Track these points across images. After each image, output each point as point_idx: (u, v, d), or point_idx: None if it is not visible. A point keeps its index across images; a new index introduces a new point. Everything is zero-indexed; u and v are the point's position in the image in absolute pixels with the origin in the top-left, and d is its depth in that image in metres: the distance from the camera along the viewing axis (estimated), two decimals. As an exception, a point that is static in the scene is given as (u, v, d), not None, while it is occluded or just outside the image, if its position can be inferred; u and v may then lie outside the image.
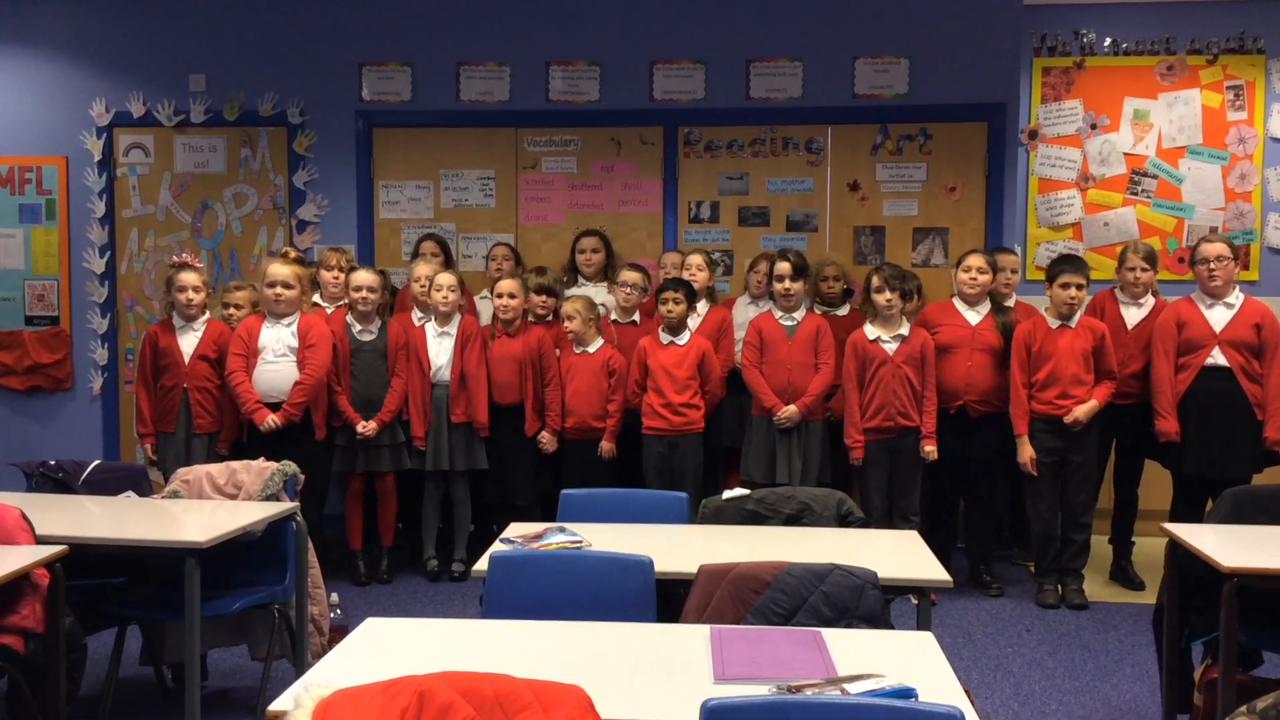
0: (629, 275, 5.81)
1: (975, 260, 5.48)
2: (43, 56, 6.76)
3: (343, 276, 5.76)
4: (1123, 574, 5.61)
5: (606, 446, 5.56)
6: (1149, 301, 5.48)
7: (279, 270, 5.33)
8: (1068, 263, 5.33)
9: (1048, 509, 5.30)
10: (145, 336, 5.51)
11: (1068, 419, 5.16)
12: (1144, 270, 5.43)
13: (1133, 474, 5.58)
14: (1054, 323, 5.26)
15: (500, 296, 5.66)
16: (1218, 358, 5.11)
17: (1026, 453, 5.25)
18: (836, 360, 5.43)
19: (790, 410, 5.35)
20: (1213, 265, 5.12)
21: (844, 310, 5.89)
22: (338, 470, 5.59)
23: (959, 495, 5.62)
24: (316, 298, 5.81)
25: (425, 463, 5.61)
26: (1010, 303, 5.67)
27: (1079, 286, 5.18)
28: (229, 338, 5.39)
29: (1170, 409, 5.16)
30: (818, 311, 5.83)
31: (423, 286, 5.72)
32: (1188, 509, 5.12)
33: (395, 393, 5.60)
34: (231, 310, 5.64)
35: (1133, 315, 5.47)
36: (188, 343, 5.38)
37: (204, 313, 5.45)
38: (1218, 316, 5.15)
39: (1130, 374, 5.36)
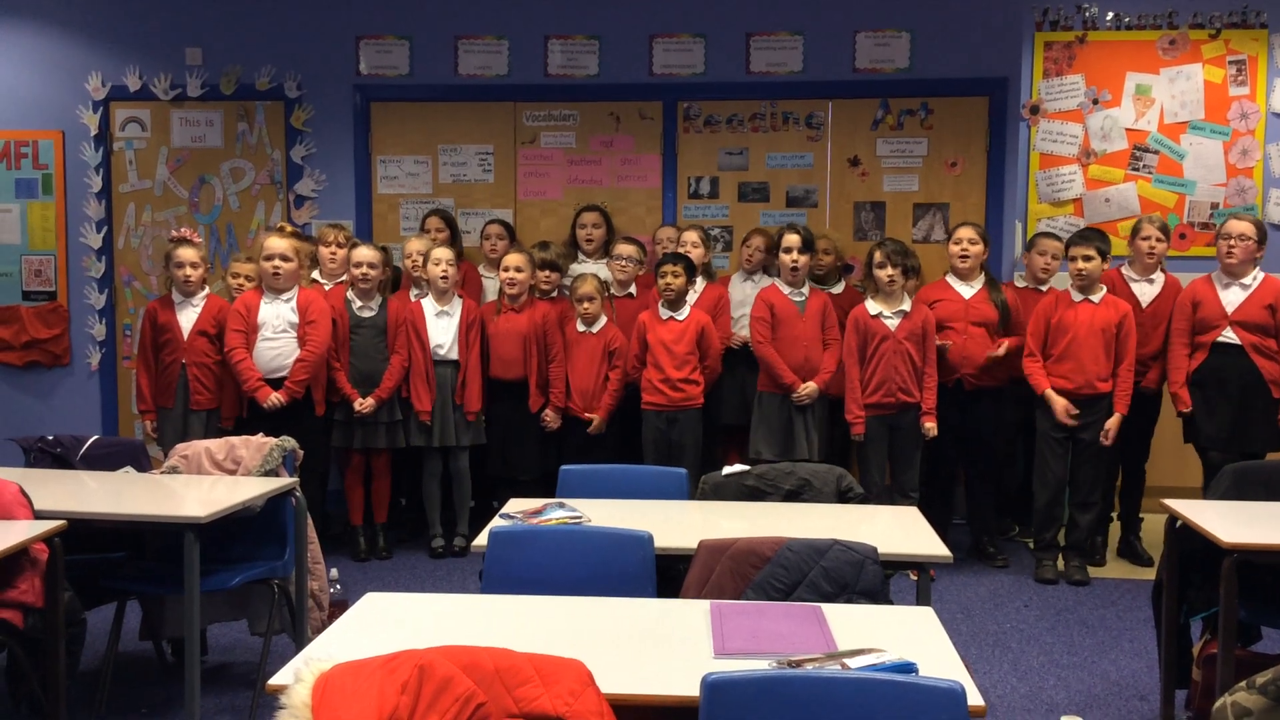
0: (624, 249, 5.81)
1: (965, 232, 5.49)
2: (38, 30, 6.70)
3: (341, 252, 5.73)
4: (1130, 550, 5.62)
5: (596, 421, 5.55)
6: (1160, 278, 5.49)
7: (276, 243, 5.30)
8: (1079, 235, 5.35)
9: (1055, 485, 5.31)
10: (145, 312, 5.49)
11: (1104, 441, 5.18)
12: (1159, 241, 5.44)
13: (1142, 451, 5.58)
14: (1076, 296, 5.26)
15: (507, 270, 5.64)
16: (1229, 336, 5.13)
17: (1060, 404, 5.19)
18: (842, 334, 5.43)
19: (810, 387, 5.36)
20: (1233, 242, 5.12)
21: (839, 288, 5.87)
22: (336, 446, 5.59)
23: (959, 469, 5.63)
24: (316, 274, 5.79)
25: (427, 439, 5.60)
26: (1045, 285, 5.67)
27: (1086, 258, 5.17)
28: (229, 313, 5.38)
29: (1184, 387, 5.20)
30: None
31: (414, 262, 5.70)
32: None
33: (394, 370, 5.58)
34: (241, 281, 5.62)
35: (1146, 293, 5.47)
36: (187, 318, 5.36)
37: (203, 288, 5.43)
38: (1232, 297, 5.16)
39: (1146, 354, 5.36)
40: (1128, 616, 4.80)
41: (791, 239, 5.43)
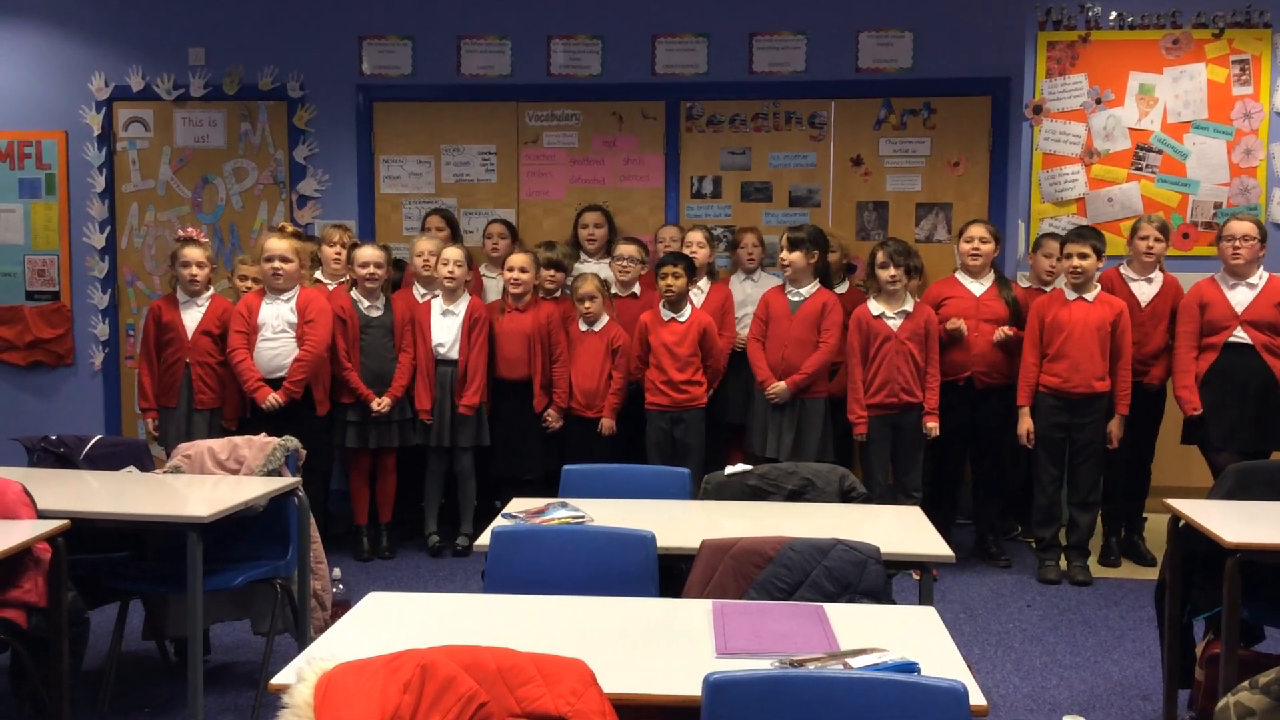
0: (625, 249, 5.80)
1: (977, 230, 5.50)
2: (42, 30, 6.72)
3: (344, 253, 5.74)
4: (1134, 549, 5.61)
5: (607, 423, 5.56)
6: (1158, 277, 5.47)
7: (276, 244, 5.30)
8: (1075, 232, 5.35)
9: (1052, 484, 5.31)
10: (149, 311, 5.49)
11: (1111, 447, 5.19)
12: (1157, 240, 5.43)
13: (1146, 450, 5.57)
14: (1070, 295, 5.26)
15: (511, 270, 5.64)
16: (1240, 336, 5.12)
17: (1025, 425, 5.27)
18: (839, 338, 5.39)
19: (779, 386, 5.34)
20: (1238, 243, 5.11)
21: (843, 288, 5.85)
22: (351, 446, 5.58)
23: (965, 468, 5.62)
24: (319, 274, 5.79)
25: (427, 437, 5.61)
26: (1050, 286, 5.67)
27: (1082, 255, 5.17)
28: (231, 314, 5.38)
29: (1192, 389, 5.16)
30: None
31: (425, 262, 5.70)
32: None
33: (403, 368, 5.60)
34: (249, 283, 5.62)
35: (1144, 292, 5.46)
36: (191, 318, 5.36)
37: (208, 288, 5.44)
38: (1239, 297, 5.14)
39: (1147, 353, 5.35)
40: (1130, 616, 4.80)
41: (782, 241, 5.44)
